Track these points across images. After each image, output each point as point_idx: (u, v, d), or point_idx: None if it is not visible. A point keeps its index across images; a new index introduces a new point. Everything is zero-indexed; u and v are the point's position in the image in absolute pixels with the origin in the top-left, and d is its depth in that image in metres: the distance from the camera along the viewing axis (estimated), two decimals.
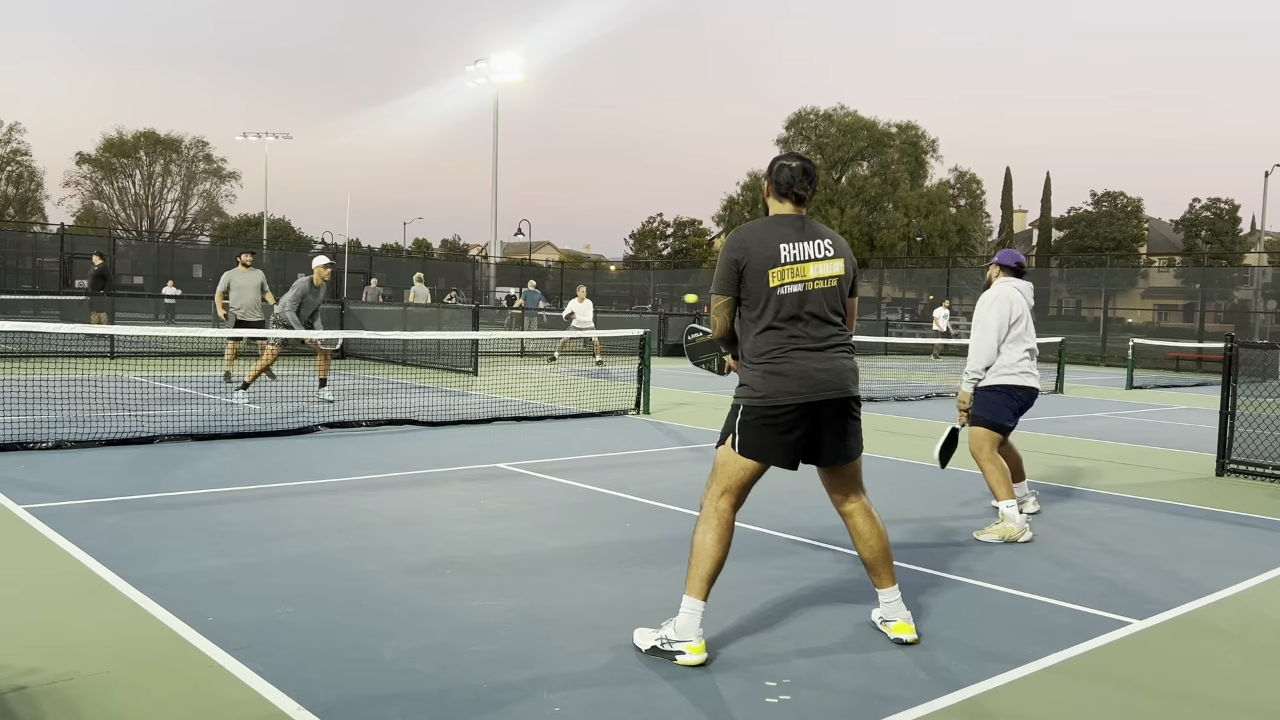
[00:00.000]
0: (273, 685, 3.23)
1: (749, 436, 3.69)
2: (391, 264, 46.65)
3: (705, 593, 3.65)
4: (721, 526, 3.69)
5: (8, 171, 65.88)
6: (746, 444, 3.69)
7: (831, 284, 3.74)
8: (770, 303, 3.67)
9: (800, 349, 3.67)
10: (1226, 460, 8.41)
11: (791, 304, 3.67)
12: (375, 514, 5.77)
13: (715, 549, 3.66)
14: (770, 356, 3.67)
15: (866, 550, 3.91)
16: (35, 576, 4.36)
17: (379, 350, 18.46)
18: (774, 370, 3.66)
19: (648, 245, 71.38)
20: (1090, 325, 34.75)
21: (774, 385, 3.65)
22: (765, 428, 3.67)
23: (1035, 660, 3.75)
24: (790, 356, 3.66)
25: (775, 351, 3.67)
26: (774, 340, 3.68)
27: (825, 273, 3.73)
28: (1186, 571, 5.19)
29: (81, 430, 8.18)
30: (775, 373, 3.66)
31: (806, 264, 3.70)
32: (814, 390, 3.65)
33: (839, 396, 3.70)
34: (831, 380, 3.69)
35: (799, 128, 58.04)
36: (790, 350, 3.67)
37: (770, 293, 3.66)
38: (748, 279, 3.69)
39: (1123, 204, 58.63)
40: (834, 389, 3.69)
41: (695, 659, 3.57)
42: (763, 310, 3.68)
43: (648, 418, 11.07)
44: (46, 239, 38.88)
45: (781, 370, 3.65)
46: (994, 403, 6.19)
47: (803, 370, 3.65)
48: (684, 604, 3.65)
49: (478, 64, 41.30)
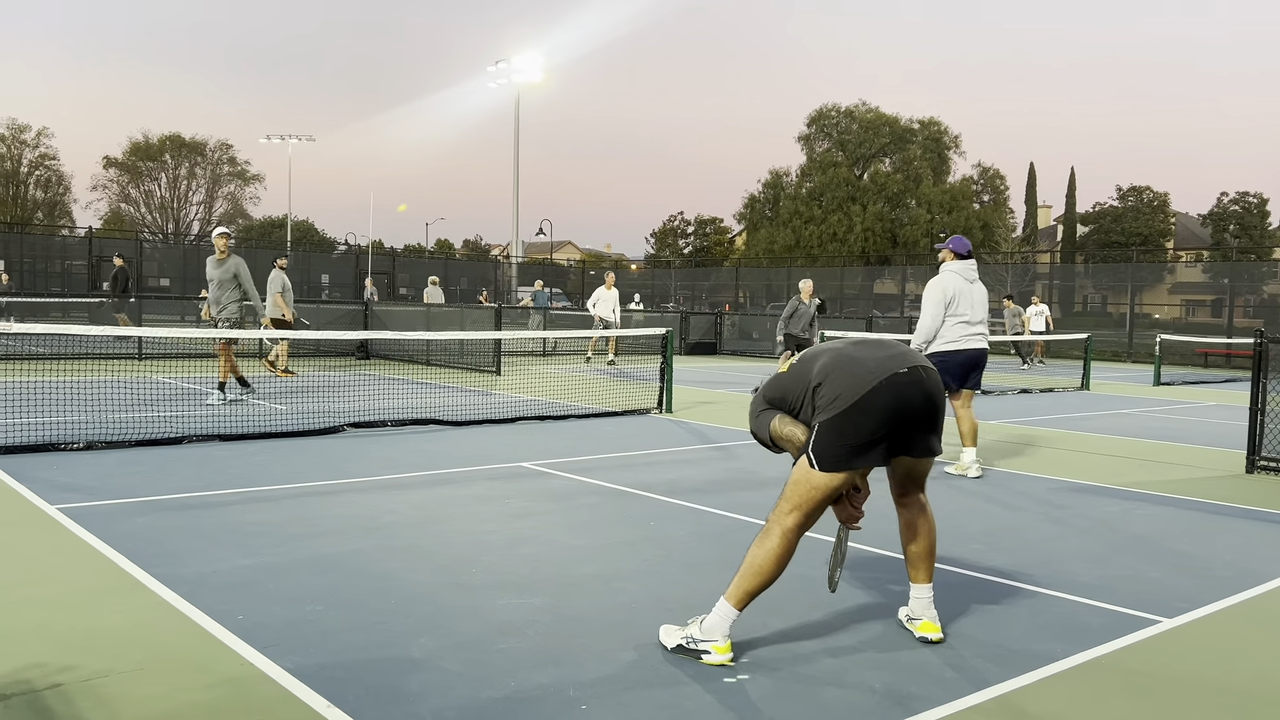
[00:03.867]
0: (303, 683, 3.26)
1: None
2: (413, 264, 46.85)
3: (744, 606, 3.63)
4: (787, 552, 3.66)
5: (36, 176, 66.72)
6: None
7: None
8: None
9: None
10: (1257, 457, 8.32)
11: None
12: (401, 513, 5.82)
13: (773, 570, 3.62)
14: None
15: (913, 543, 3.94)
16: (68, 575, 4.42)
17: (403, 350, 18.57)
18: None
19: (669, 244, 71.34)
20: (1117, 321, 34.43)
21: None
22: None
23: (1064, 659, 3.73)
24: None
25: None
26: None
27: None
28: (1216, 570, 5.15)
29: (111, 431, 8.28)
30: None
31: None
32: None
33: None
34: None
35: (820, 125, 57.80)
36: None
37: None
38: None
39: (1149, 198, 58.01)
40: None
41: (721, 658, 3.56)
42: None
43: (670, 416, 11.07)
44: (75, 242, 39.38)
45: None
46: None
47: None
48: (719, 606, 3.62)
49: (499, 64, 41.46)
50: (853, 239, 53.11)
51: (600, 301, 19.26)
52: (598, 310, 19.24)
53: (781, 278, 44.26)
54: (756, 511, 6.11)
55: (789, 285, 42.12)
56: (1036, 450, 9.28)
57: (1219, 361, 25.19)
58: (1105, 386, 17.87)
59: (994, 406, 13.35)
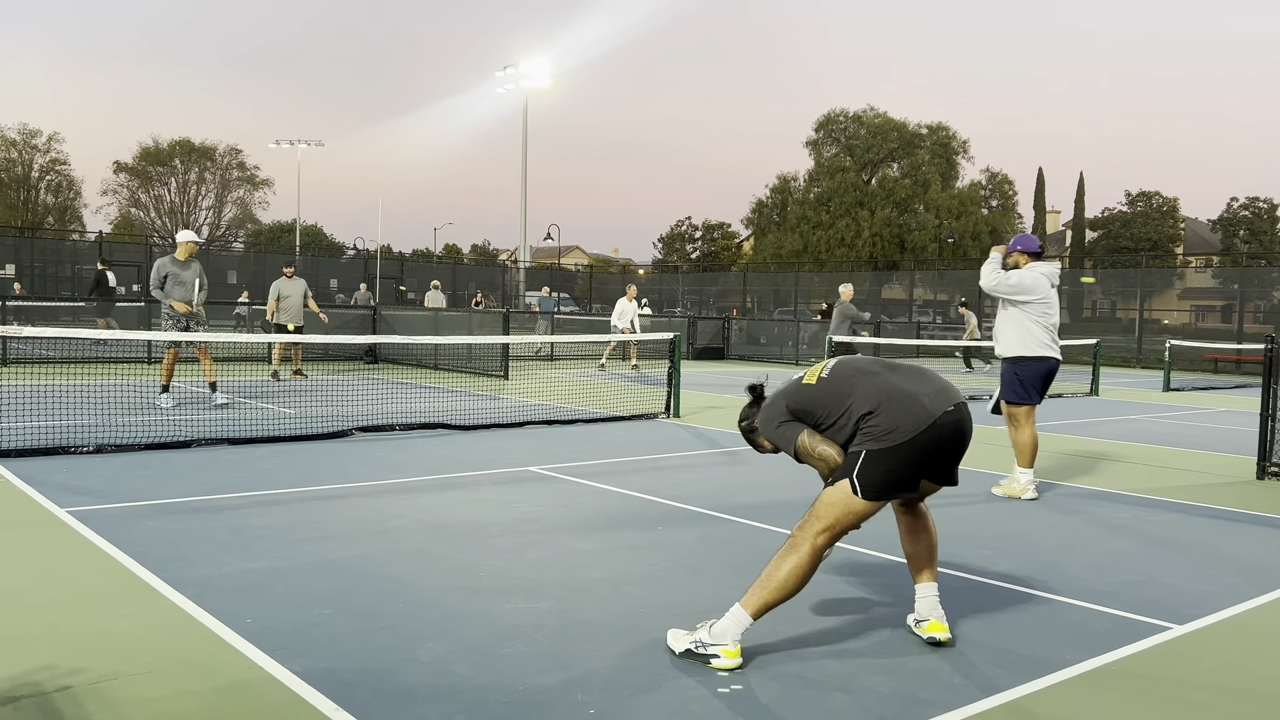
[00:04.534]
0: (311, 686, 3.27)
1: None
2: (422, 269, 46.96)
3: (759, 617, 3.63)
4: (815, 569, 3.66)
5: (47, 181, 67.10)
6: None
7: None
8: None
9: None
10: (1267, 463, 8.27)
11: None
12: (408, 517, 5.82)
13: (797, 586, 3.62)
14: None
15: (913, 544, 3.94)
16: (78, 578, 4.43)
17: (411, 355, 18.61)
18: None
19: (676, 249, 71.39)
20: (1126, 327, 34.32)
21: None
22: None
23: (1073, 665, 3.71)
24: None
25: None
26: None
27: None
28: (1227, 576, 5.12)
29: (121, 435, 8.31)
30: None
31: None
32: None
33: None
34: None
35: (828, 130, 57.83)
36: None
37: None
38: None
39: (1158, 204, 57.85)
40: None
41: (730, 663, 3.55)
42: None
43: (678, 421, 11.07)
44: (85, 247, 39.56)
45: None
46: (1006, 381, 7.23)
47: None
48: (733, 612, 3.60)
49: (507, 70, 41.53)
50: (860, 244, 53.07)
51: (623, 314, 19.52)
52: (620, 322, 19.47)
53: (789, 283, 44.24)
54: (764, 517, 6.10)
55: (796, 291, 42.11)
56: (1045, 456, 9.25)
57: (1229, 367, 25.09)
58: (1114, 392, 17.81)
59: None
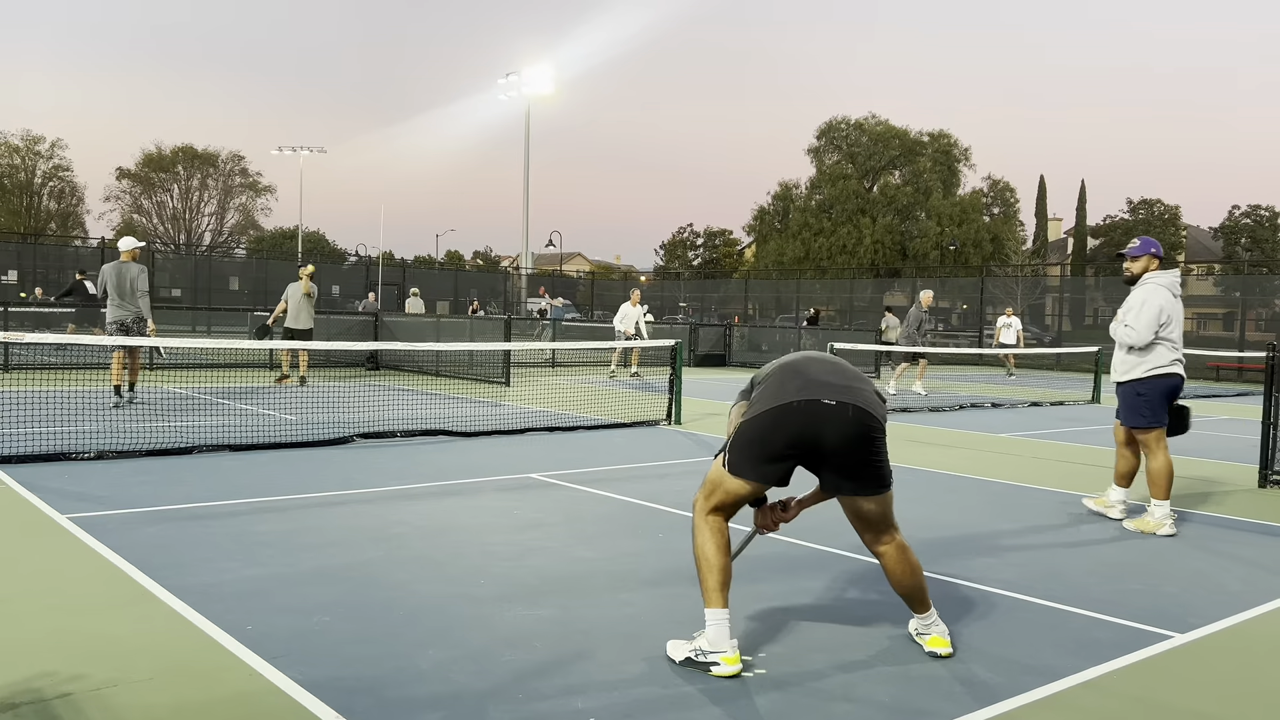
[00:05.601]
0: (311, 694, 3.26)
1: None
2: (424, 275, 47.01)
3: (725, 600, 3.62)
4: (719, 535, 3.67)
5: (50, 187, 67.19)
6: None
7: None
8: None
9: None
10: (1269, 471, 8.26)
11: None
12: (409, 524, 5.82)
13: (716, 556, 3.63)
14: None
15: (899, 587, 3.86)
16: (78, 585, 4.43)
17: (412, 361, 18.61)
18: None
19: (678, 255, 71.45)
20: None
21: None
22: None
23: (1074, 674, 3.70)
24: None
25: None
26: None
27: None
28: (1229, 585, 5.11)
29: (122, 441, 8.31)
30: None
31: None
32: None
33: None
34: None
35: (830, 137, 57.90)
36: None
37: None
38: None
39: (1160, 211, 57.92)
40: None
41: (730, 669, 3.54)
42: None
43: (679, 428, 11.06)
44: (87, 252, 39.60)
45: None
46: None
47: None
48: (707, 617, 3.61)
49: (509, 77, 41.67)
50: (862, 251, 53.09)
51: (625, 317, 19.40)
52: (623, 326, 19.29)
53: (790, 290, 44.25)
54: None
55: (798, 297, 42.11)
56: (1046, 463, 9.24)
57: (1230, 375, 25.06)
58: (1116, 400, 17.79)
59: (1003, 419, 13.30)
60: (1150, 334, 6.34)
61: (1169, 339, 6.41)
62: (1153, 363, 6.42)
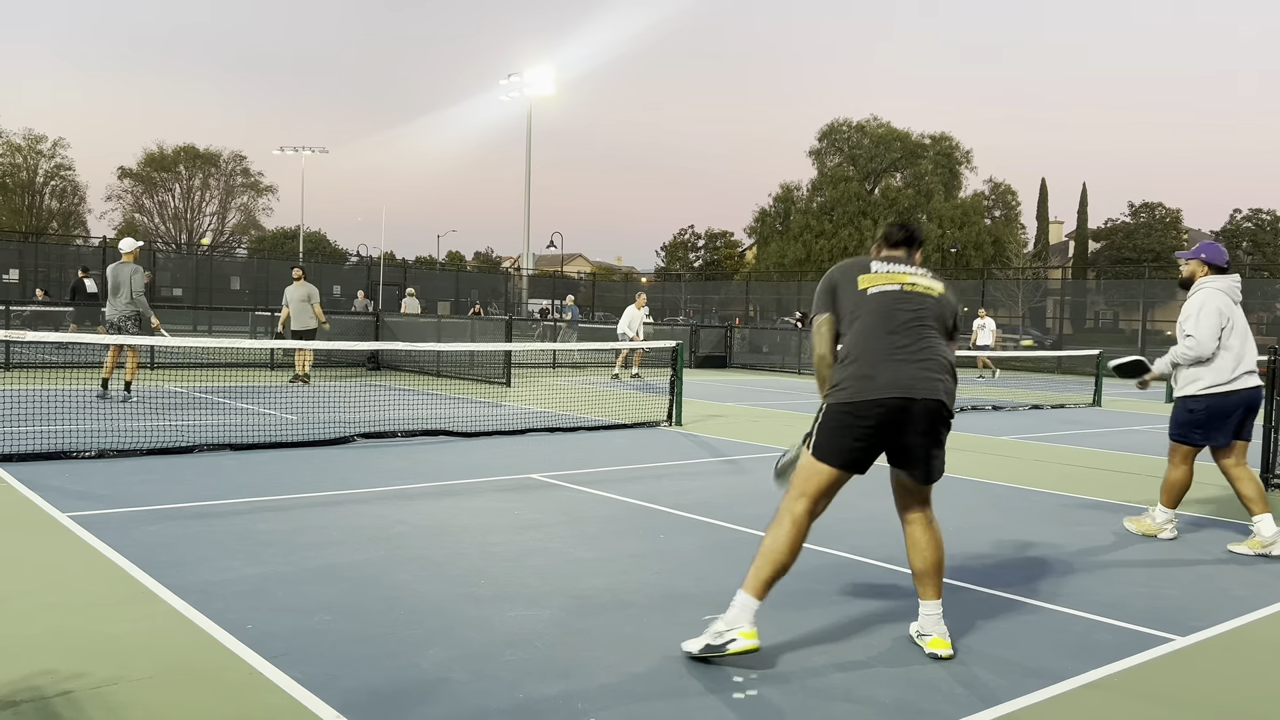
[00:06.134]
0: (311, 692, 3.26)
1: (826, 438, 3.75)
2: (425, 276, 47.05)
3: (763, 594, 3.66)
4: (798, 533, 3.71)
5: (52, 186, 67.26)
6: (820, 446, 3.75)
7: (931, 295, 3.86)
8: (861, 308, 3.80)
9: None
10: (1271, 474, 8.25)
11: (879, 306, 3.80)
12: (410, 524, 5.82)
13: (785, 555, 3.67)
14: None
15: (919, 559, 3.93)
16: (79, 583, 4.43)
17: (413, 361, 18.61)
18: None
19: (679, 257, 71.45)
20: (1128, 338, 34.30)
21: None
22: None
23: (1075, 676, 3.70)
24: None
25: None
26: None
27: (912, 283, 3.86)
28: (1231, 588, 5.10)
29: (123, 440, 8.31)
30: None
31: (890, 275, 3.88)
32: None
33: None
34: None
35: (831, 139, 57.92)
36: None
37: (860, 295, 3.80)
38: (840, 296, 3.87)
39: (1161, 215, 57.91)
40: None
41: (747, 644, 3.58)
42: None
43: (680, 429, 11.06)
44: (89, 252, 39.64)
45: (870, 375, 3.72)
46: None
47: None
48: (738, 598, 3.67)
49: (511, 78, 41.67)
50: (863, 254, 53.09)
51: (631, 321, 19.45)
52: (629, 330, 19.33)
53: (792, 292, 44.24)
54: (765, 525, 6.07)
55: (799, 299, 42.10)
56: (1049, 466, 9.24)
57: None
58: (1117, 403, 17.78)
59: (1005, 422, 13.30)
60: (1214, 341, 5.81)
61: (1229, 347, 5.87)
62: (1210, 379, 5.87)
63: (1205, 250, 6.08)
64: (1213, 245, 6.13)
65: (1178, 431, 6.15)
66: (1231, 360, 5.85)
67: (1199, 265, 6.06)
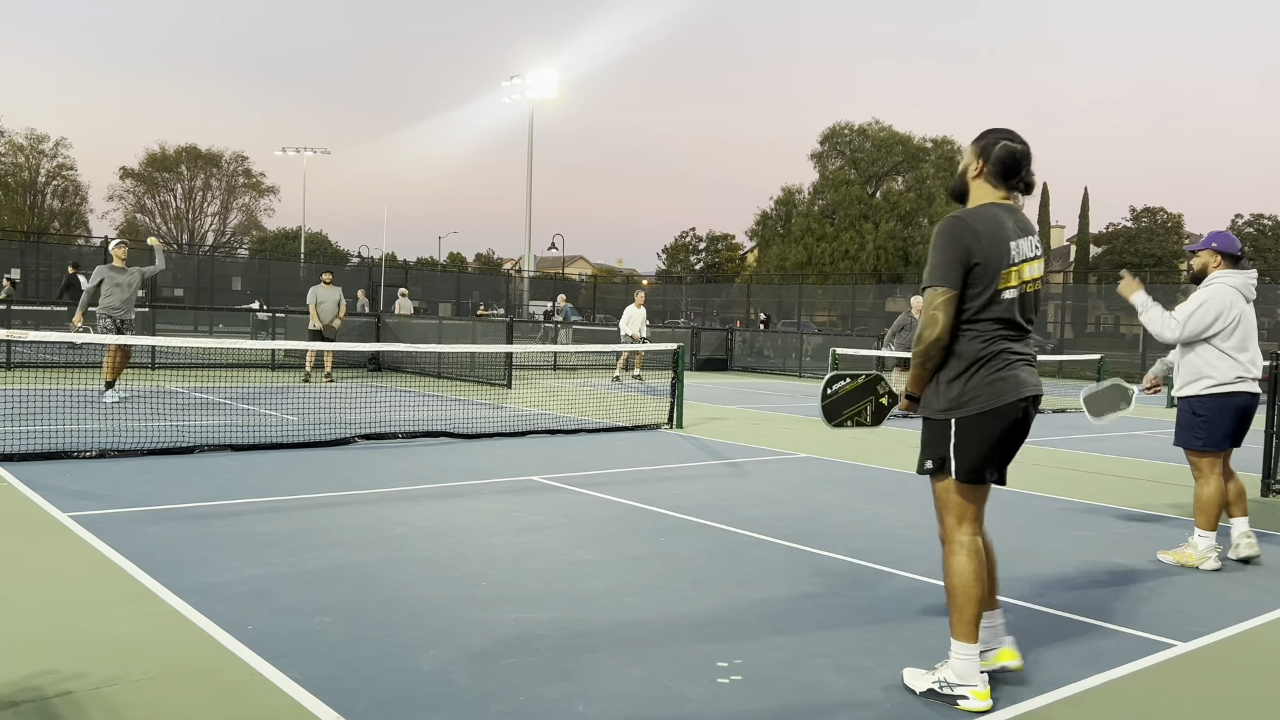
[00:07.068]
0: (311, 694, 3.26)
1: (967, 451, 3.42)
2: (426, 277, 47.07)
3: (976, 636, 3.40)
4: (976, 558, 3.43)
5: (53, 186, 67.26)
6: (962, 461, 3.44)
7: (1036, 287, 3.53)
8: (993, 306, 3.39)
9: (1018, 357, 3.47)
10: (1272, 481, 8.24)
11: (1009, 309, 3.41)
12: (411, 525, 5.81)
13: (975, 586, 3.40)
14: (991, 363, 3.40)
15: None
16: (80, 583, 4.43)
17: (414, 363, 18.61)
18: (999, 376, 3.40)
19: (680, 259, 71.44)
20: (1130, 343, 34.27)
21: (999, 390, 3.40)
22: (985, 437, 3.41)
23: (1077, 681, 3.69)
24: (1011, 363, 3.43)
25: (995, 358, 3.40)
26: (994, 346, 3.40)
27: (1032, 275, 3.49)
28: (1232, 593, 5.10)
29: (124, 440, 8.31)
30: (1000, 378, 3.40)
31: (1024, 265, 3.44)
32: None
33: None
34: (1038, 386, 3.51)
35: (833, 142, 57.91)
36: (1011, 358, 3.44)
37: (996, 295, 3.38)
38: (977, 276, 3.37)
39: (1163, 220, 57.89)
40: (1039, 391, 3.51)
41: (980, 705, 3.33)
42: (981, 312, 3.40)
43: (681, 432, 11.05)
44: (90, 251, 39.66)
45: (1003, 376, 3.40)
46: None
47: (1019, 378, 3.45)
48: (956, 649, 3.41)
49: (513, 80, 41.69)
50: (865, 257, 53.08)
51: (631, 320, 19.39)
52: (629, 329, 19.28)
53: (793, 295, 44.25)
54: (766, 529, 6.08)
55: (800, 302, 42.12)
56: (1049, 471, 9.23)
57: None
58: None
59: None
60: (1182, 331, 5.55)
61: (1227, 347, 5.57)
62: (1214, 378, 5.59)
63: (1217, 239, 5.69)
64: (1224, 234, 5.73)
65: (1200, 439, 5.66)
66: (1234, 363, 5.62)
67: (1211, 256, 5.68)
